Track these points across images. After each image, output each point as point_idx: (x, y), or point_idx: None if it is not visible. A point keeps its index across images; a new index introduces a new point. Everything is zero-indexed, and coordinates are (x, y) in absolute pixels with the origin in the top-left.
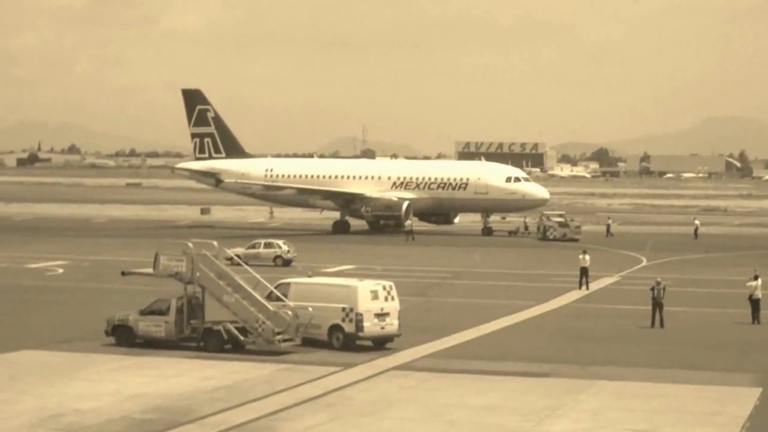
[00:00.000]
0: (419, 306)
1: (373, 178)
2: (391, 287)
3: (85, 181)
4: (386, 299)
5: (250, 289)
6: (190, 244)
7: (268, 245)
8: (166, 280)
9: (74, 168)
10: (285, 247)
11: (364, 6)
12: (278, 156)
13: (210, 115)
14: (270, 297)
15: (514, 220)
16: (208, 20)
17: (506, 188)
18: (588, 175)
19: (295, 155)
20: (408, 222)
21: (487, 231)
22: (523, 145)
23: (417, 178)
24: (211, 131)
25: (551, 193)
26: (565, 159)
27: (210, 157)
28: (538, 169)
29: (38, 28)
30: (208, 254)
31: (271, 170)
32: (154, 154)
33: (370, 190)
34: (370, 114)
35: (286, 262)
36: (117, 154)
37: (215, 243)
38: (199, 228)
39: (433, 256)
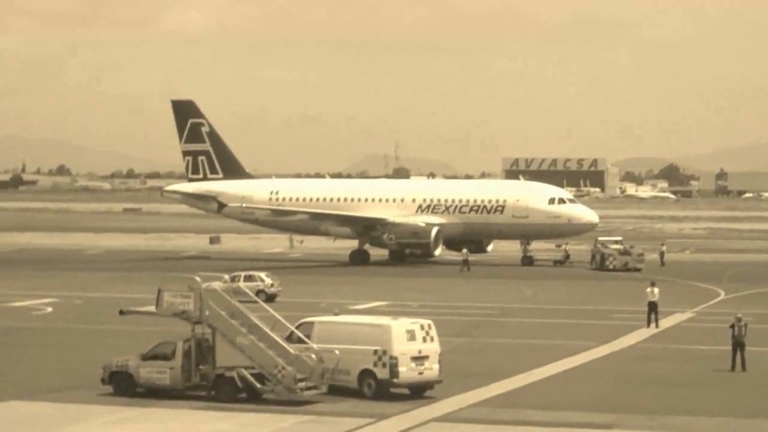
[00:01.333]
0: (462, 348)
1: (395, 200)
2: (430, 326)
3: (76, 207)
4: (425, 340)
5: (267, 330)
6: (198, 279)
7: (248, 278)
8: (170, 320)
9: (64, 191)
10: (268, 280)
11: (395, 2)
12: (284, 176)
13: (204, 129)
14: (290, 338)
15: (575, 248)
16: (216, 19)
17: (549, 211)
18: (673, 197)
19: (308, 176)
20: (464, 250)
21: (528, 260)
22: (580, 162)
23: (446, 201)
24: (206, 148)
25: (610, 216)
26: (629, 177)
27: (205, 178)
28: (597, 189)
29: (21, 31)
30: (219, 290)
31: (277, 193)
32: (155, 175)
33: (393, 215)
34: (404, 127)
35: (270, 298)
36: (113, 176)
37: (227, 277)
38: (207, 260)
39: (477, 290)
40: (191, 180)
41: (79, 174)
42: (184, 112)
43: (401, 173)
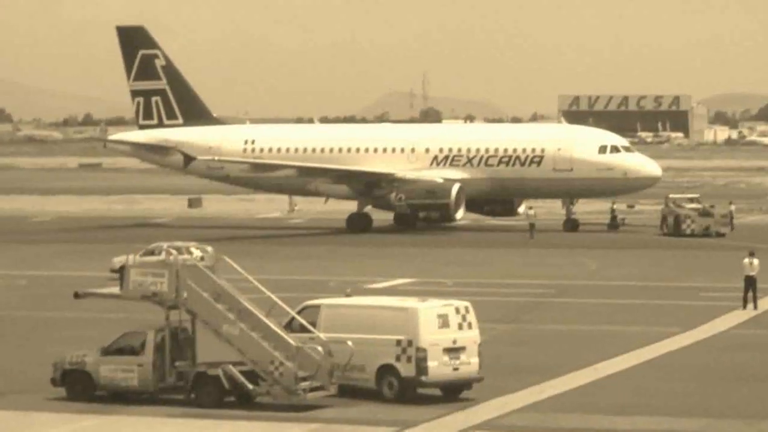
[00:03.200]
0: (509, 336)
1: (404, 150)
2: (467, 310)
3: (19, 162)
4: (461, 327)
5: (261, 316)
6: (174, 252)
7: (173, 251)
8: (139, 304)
9: (4, 143)
10: (197, 253)
11: None
12: (282, 121)
13: (159, 63)
14: (291, 327)
15: (647, 208)
16: None
17: (600, 162)
18: None
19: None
20: (530, 211)
21: (571, 224)
22: (658, 100)
23: (468, 150)
24: (161, 86)
25: (696, 169)
26: (720, 118)
27: (160, 125)
28: (680, 134)
29: None
30: (201, 266)
31: (253, 142)
32: (119, 121)
33: (403, 169)
34: (434, 58)
35: None
36: (65, 123)
37: (210, 249)
38: (186, 228)
39: (527, 264)
40: (143, 127)
41: (22, 121)
42: (133, 41)
43: (431, 116)
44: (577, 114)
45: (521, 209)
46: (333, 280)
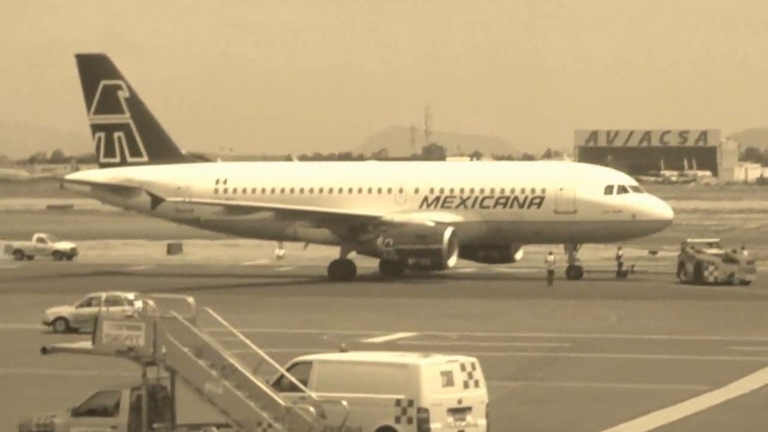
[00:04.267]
0: (520, 395)
1: (392, 191)
2: (474, 366)
3: None
4: (467, 385)
5: (248, 374)
6: (152, 302)
7: (112, 301)
8: (113, 359)
9: None
10: (138, 303)
11: None
12: (236, 159)
13: (122, 94)
14: (280, 385)
15: (668, 255)
16: None
17: (606, 203)
18: None
19: (305, 158)
20: (550, 257)
21: (575, 272)
22: (683, 135)
23: (462, 191)
24: (125, 121)
25: (725, 211)
26: (752, 155)
27: (123, 162)
28: (708, 173)
29: None
30: (181, 318)
31: (225, 182)
32: (92, 159)
33: (390, 211)
34: (437, 90)
35: None
36: (32, 160)
37: (191, 300)
38: (164, 276)
39: (539, 315)
40: (104, 165)
41: None
42: (94, 70)
43: (434, 152)
44: (594, 150)
45: (518, 255)
46: (326, 334)
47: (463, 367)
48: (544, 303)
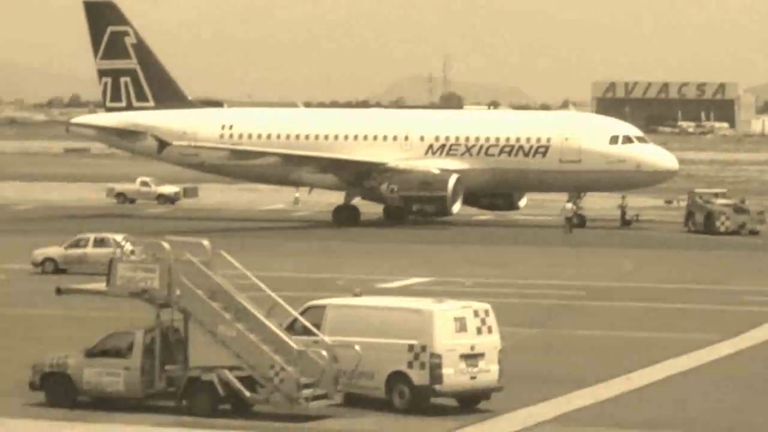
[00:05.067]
0: (534, 342)
1: (397, 138)
2: (487, 312)
3: (0, 146)
4: (480, 332)
5: (261, 317)
6: (166, 245)
7: (99, 243)
8: (127, 301)
9: None
10: (127, 245)
11: None
12: (215, 104)
13: (129, 41)
14: (293, 328)
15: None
16: None
17: (611, 153)
18: None
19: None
20: (569, 205)
21: (579, 220)
22: (701, 87)
23: (467, 139)
24: (132, 66)
25: (743, 162)
26: None
27: (129, 107)
28: (725, 125)
29: None
30: (195, 261)
31: (230, 127)
32: None
33: (395, 158)
34: (456, 39)
35: None
36: (50, 104)
37: (206, 243)
38: (179, 219)
39: (554, 263)
40: (110, 110)
41: (2, 101)
42: (101, 16)
43: (452, 101)
44: (612, 102)
45: (522, 203)
46: (341, 278)
47: (476, 314)
48: (559, 251)
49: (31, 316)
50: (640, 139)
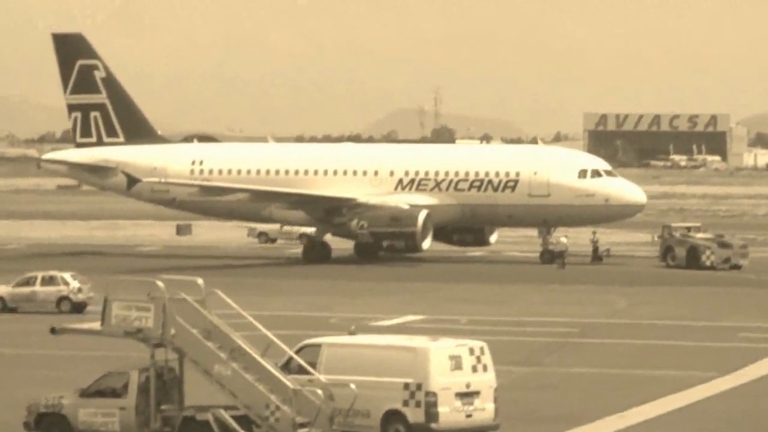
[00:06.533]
0: (528, 380)
1: (367, 173)
2: (482, 350)
3: None
4: (475, 370)
5: (256, 356)
6: (161, 284)
7: (48, 281)
8: (121, 341)
9: None
10: (74, 284)
11: None
12: (187, 139)
13: (99, 75)
14: (288, 367)
15: (641, 238)
16: None
17: (579, 187)
18: None
19: (313, 139)
20: (562, 239)
21: (549, 256)
22: (693, 119)
23: (437, 174)
24: (101, 101)
25: (735, 196)
26: (762, 140)
27: (99, 143)
28: (717, 158)
29: None
30: (190, 299)
31: (201, 163)
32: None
33: (365, 193)
34: (447, 72)
35: (77, 307)
36: (42, 139)
37: (200, 282)
38: (173, 258)
39: (548, 300)
40: (80, 145)
41: None
42: (69, 50)
43: (443, 135)
44: (604, 134)
45: (493, 239)
46: (335, 317)
47: (471, 351)
48: (551, 288)
49: (25, 355)
50: (608, 173)
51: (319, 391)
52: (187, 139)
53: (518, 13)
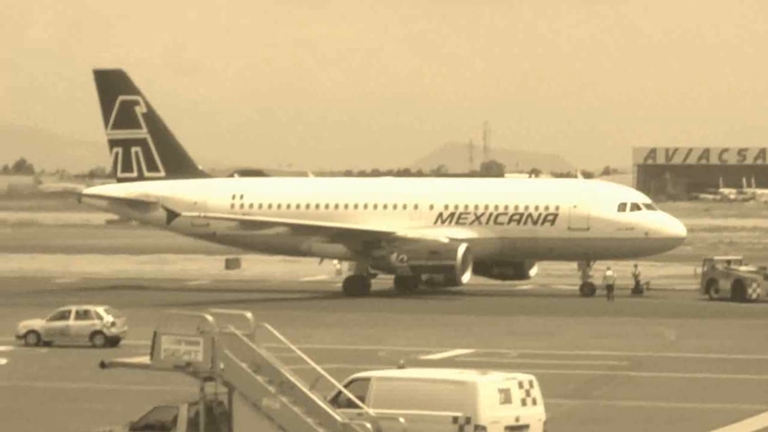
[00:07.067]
0: (579, 413)
1: (406, 207)
2: (531, 384)
3: (40, 218)
4: (524, 403)
5: (305, 389)
6: (210, 317)
7: (81, 315)
8: (171, 374)
9: (24, 196)
10: (108, 318)
11: None
12: (256, 173)
13: (140, 110)
14: (337, 401)
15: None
16: None
17: (619, 221)
18: None
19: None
20: (609, 272)
21: (589, 289)
22: (742, 153)
23: (476, 207)
24: (142, 136)
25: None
26: None
27: (140, 177)
28: (767, 191)
29: None
30: (239, 333)
31: (242, 197)
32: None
33: (404, 227)
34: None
35: (111, 341)
36: (92, 175)
37: (249, 315)
38: (222, 291)
39: (597, 334)
40: (121, 180)
41: (45, 172)
42: (111, 86)
43: (492, 169)
44: (653, 168)
45: (533, 272)
46: (384, 350)
47: (521, 385)
48: (601, 321)
49: (75, 389)
50: (648, 206)
51: (368, 425)
52: (236, 174)
53: (567, 48)
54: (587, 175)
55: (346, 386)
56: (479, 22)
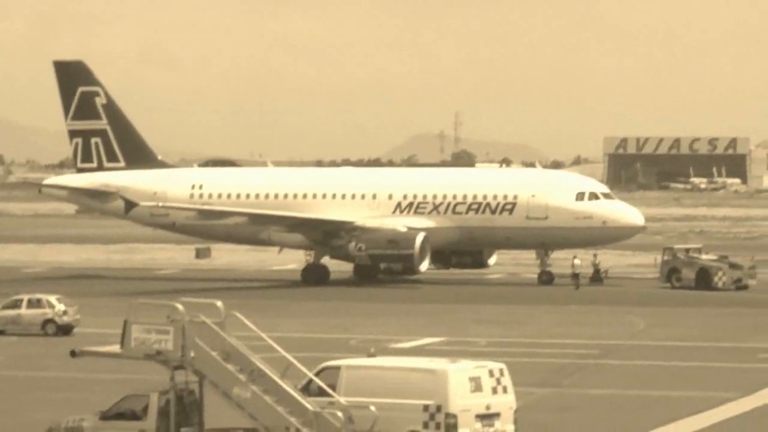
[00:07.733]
0: (548, 402)
1: (365, 197)
2: (502, 372)
3: (11, 208)
4: (495, 391)
5: (276, 378)
6: (180, 306)
7: (33, 303)
8: (141, 363)
9: None
10: (60, 306)
11: None
12: (208, 163)
13: (99, 101)
14: (308, 389)
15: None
16: None
17: (577, 210)
18: None
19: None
20: (577, 261)
21: (547, 277)
22: (713, 143)
23: (435, 197)
24: (102, 126)
25: (755, 218)
26: None
27: (100, 168)
28: (737, 180)
29: None
30: (209, 322)
31: (200, 187)
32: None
33: (363, 216)
34: (467, 97)
35: (63, 329)
36: (62, 165)
37: (219, 304)
38: (192, 280)
39: (566, 322)
40: (81, 170)
41: (15, 162)
42: (70, 77)
43: (463, 159)
44: (624, 158)
45: (491, 261)
46: (354, 339)
47: (491, 373)
48: (570, 310)
49: (45, 378)
50: (606, 196)
51: (339, 414)
52: (207, 164)
53: (537, 38)
54: (558, 165)
55: (316, 375)
56: (450, 13)
